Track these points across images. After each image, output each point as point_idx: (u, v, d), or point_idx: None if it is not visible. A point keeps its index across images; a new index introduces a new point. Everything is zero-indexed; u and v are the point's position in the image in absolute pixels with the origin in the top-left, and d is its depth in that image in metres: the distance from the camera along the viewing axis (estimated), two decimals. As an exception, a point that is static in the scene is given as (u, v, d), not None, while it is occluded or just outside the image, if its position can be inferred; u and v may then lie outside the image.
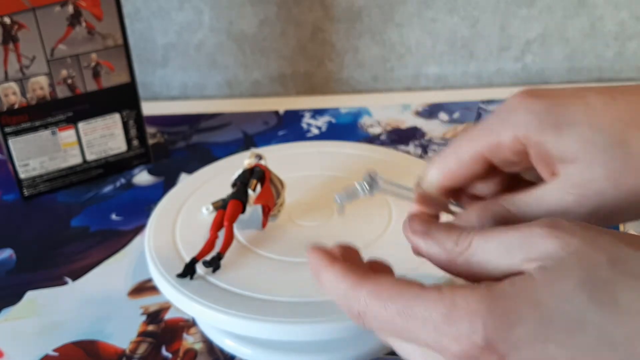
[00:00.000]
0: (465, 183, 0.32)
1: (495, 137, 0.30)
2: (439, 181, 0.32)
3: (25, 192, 0.60)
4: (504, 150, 0.30)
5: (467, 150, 0.31)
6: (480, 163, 0.31)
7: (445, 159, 0.32)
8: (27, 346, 0.44)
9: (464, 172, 0.31)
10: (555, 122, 0.28)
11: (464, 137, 0.32)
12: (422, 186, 0.33)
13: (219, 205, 0.47)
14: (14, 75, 0.56)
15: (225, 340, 0.43)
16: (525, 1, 0.77)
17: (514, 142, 0.29)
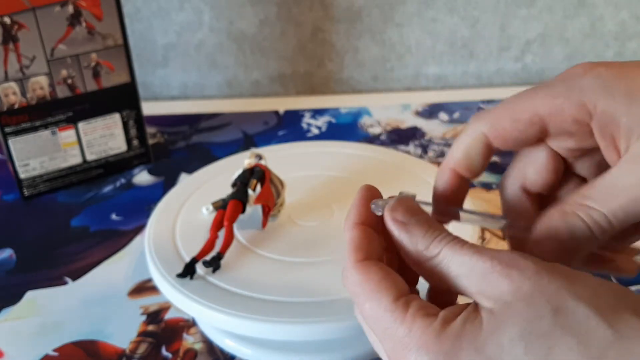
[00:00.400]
0: (511, 145, 0.30)
1: (559, 101, 0.27)
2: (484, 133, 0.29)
3: (25, 192, 0.60)
4: (565, 116, 0.27)
5: (525, 109, 0.28)
6: (536, 127, 0.28)
7: (498, 115, 0.29)
8: (27, 346, 0.44)
9: (515, 132, 0.29)
10: (627, 90, 0.26)
11: (523, 95, 0.29)
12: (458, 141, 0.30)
13: (219, 205, 0.48)
14: (14, 75, 0.56)
15: (225, 340, 0.43)
16: (525, 1, 0.77)
17: (579, 108, 0.27)
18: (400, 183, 0.50)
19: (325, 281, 0.40)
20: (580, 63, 0.28)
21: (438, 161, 0.63)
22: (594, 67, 0.27)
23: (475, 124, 0.30)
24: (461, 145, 0.30)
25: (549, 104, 0.28)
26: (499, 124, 0.29)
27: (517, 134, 0.29)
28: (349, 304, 0.38)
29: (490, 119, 0.29)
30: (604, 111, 0.26)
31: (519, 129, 0.29)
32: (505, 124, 0.29)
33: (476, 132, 0.30)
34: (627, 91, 0.26)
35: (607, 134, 0.27)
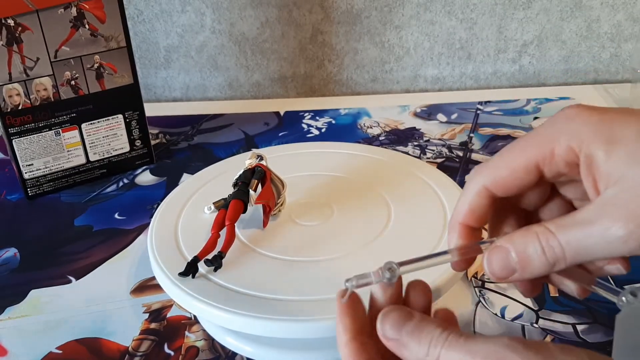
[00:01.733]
0: (512, 192, 0.31)
1: (549, 146, 0.29)
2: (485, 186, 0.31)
3: (29, 192, 0.61)
4: (557, 160, 0.29)
5: (520, 159, 0.30)
6: (532, 173, 0.30)
7: (495, 167, 0.31)
8: (31, 344, 0.44)
9: (514, 181, 0.31)
10: (608, 136, 0.28)
11: (517, 146, 0.31)
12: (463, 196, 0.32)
13: (221, 204, 0.48)
14: (18, 76, 0.57)
15: (226, 337, 0.43)
16: (522, 4, 0.78)
17: (568, 152, 0.29)
18: (399, 183, 0.51)
19: (325, 280, 0.41)
20: (571, 105, 0.30)
21: (436, 161, 0.64)
22: (584, 111, 0.29)
23: (476, 179, 0.32)
24: (466, 200, 0.32)
25: (541, 150, 0.30)
26: (498, 175, 0.31)
27: (517, 182, 0.31)
28: (348, 301, 0.38)
29: (489, 172, 0.31)
30: (587, 155, 0.28)
31: (517, 178, 0.30)
32: (504, 174, 0.31)
33: (478, 187, 0.31)
34: (608, 139, 0.28)
35: (590, 175, 0.29)
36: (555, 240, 0.28)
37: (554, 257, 0.28)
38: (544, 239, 0.28)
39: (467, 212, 0.32)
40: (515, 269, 0.29)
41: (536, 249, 0.29)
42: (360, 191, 0.50)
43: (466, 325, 0.44)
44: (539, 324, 0.44)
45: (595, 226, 0.27)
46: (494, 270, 0.30)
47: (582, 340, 0.42)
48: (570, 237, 0.28)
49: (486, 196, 0.32)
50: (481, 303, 0.46)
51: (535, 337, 0.43)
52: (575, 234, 0.28)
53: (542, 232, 0.29)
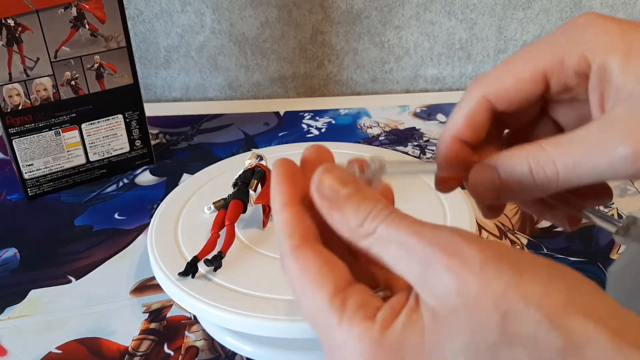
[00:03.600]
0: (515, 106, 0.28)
1: (560, 54, 0.27)
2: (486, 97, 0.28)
3: (29, 192, 0.61)
4: (567, 70, 0.27)
5: (527, 66, 0.27)
6: (539, 83, 0.27)
7: (499, 75, 0.28)
8: (31, 344, 0.44)
9: (519, 91, 0.27)
10: (626, 49, 0.25)
11: (523, 54, 0.28)
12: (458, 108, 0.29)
13: (221, 204, 0.48)
14: (18, 76, 0.57)
15: (226, 337, 0.43)
16: (522, 4, 0.78)
17: (581, 61, 0.26)
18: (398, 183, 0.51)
19: (324, 279, 0.41)
20: (587, 13, 0.27)
21: (436, 162, 0.64)
22: (599, 20, 0.26)
23: (476, 88, 0.28)
24: (462, 111, 0.29)
25: (551, 57, 0.27)
26: (501, 85, 0.28)
27: (521, 94, 0.28)
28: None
29: (491, 80, 0.28)
30: (600, 65, 0.26)
31: (522, 89, 0.27)
32: (508, 84, 0.28)
33: (477, 96, 0.28)
34: (626, 51, 0.25)
35: (599, 89, 0.26)
36: (548, 159, 0.25)
37: (544, 178, 0.26)
38: (534, 159, 0.26)
39: (463, 124, 0.28)
40: (498, 190, 0.27)
41: (523, 169, 0.26)
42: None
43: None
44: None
45: (599, 144, 0.24)
46: (478, 191, 0.28)
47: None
48: (567, 157, 0.25)
49: (486, 108, 0.28)
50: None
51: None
52: (573, 152, 0.25)
53: (533, 150, 0.26)
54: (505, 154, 0.27)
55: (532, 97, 0.28)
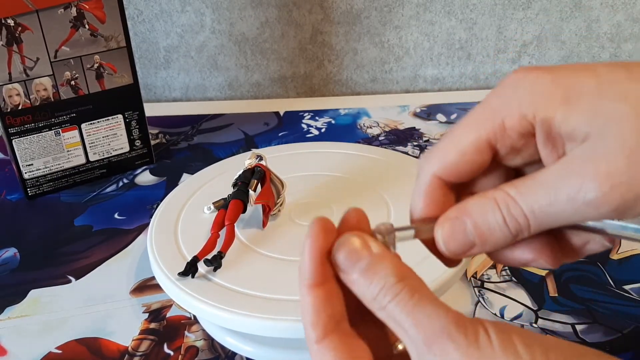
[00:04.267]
0: (467, 177, 0.28)
1: (499, 118, 0.26)
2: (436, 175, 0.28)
3: (29, 192, 0.61)
4: (509, 132, 0.26)
5: (468, 138, 0.27)
6: (485, 152, 0.27)
7: (443, 151, 0.27)
8: (31, 344, 0.44)
9: (466, 164, 0.27)
10: (564, 95, 0.24)
11: (462, 124, 0.27)
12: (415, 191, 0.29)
13: (220, 204, 0.48)
14: (17, 76, 0.57)
15: (226, 337, 0.43)
16: (521, 4, 0.78)
17: (521, 121, 0.25)
18: (399, 183, 0.51)
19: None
20: (516, 70, 0.27)
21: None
22: (528, 74, 0.26)
23: (425, 166, 0.28)
24: (419, 193, 0.28)
25: (491, 124, 0.26)
26: (447, 159, 0.27)
27: (469, 166, 0.27)
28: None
29: (437, 157, 0.28)
30: (543, 120, 0.25)
31: (468, 160, 0.27)
32: (453, 158, 0.27)
33: (428, 175, 0.28)
34: (565, 98, 0.24)
35: (549, 143, 0.25)
36: (517, 207, 0.25)
37: (517, 227, 0.25)
38: (504, 206, 0.25)
39: (424, 207, 0.28)
40: (474, 243, 0.26)
41: (497, 219, 0.25)
42: (360, 191, 0.50)
43: (465, 325, 0.44)
44: (538, 324, 0.44)
45: (562, 188, 0.24)
46: (449, 246, 0.27)
47: (581, 340, 0.42)
48: (534, 203, 0.24)
49: (439, 185, 0.28)
50: (480, 303, 0.46)
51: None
52: (538, 198, 0.24)
53: (501, 197, 0.25)
54: (471, 204, 0.26)
55: (480, 165, 0.27)
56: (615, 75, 0.24)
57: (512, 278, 0.48)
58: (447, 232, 0.27)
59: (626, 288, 0.46)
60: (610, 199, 0.23)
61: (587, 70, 0.25)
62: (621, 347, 0.41)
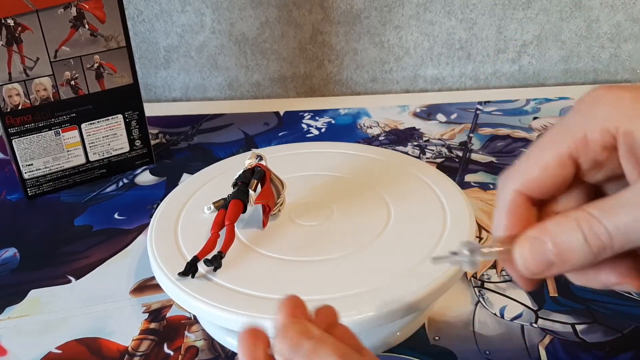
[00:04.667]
0: (550, 192, 0.28)
1: (581, 132, 0.26)
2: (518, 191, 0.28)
3: (29, 191, 0.61)
4: (592, 146, 0.26)
5: (550, 153, 0.27)
6: (567, 166, 0.27)
7: (524, 168, 0.28)
8: (31, 344, 0.44)
9: (548, 178, 0.27)
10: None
11: (543, 142, 0.28)
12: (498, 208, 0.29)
13: (220, 204, 0.48)
14: (17, 76, 0.57)
15: (226, 337, 0.43)
16: (521, 4, 0.78)
17: (603, 134, 0.26)
18: (399, 183, 0.51)
19: (324, 280, 0.41)
20: (594, 88, 0.27)
21: (436, 161, 0.64)
22: (609, 92, 0.27)
23: (507, 184, 0.28)
24: (502, 210, 0.28)
25: (572, 138, 0.27)
26: (530, 176, 0.28)
27: (552, 180, 0.27)
28: (347, 302, 0.39)
29: (519, 175, 0.28)
30: (626, 133, 0.26)
31: (551, 175, 0.27)
32: (536, 174, 0.27)
33: (511, 192, 0.28)
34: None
35: (632, 156, 0.26)
36: (600, 226, 0.25)
37: (599, 245, 0.25)
38: (587, 225, 0.25)
39: (507, 225, 0.28)
40: (553, 262, 0.26)
41: (578, 238, 0.25)
42: (360, 191, 0.50)
43: (466, 325, 0.44)
44: (538, 323, 0.44)
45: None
46: (528, 265, 0.27)
47: (581, 340, 0.42)
48: (619, 222, 0.25)
49: (523, 202, 0.28)
50: (480, 303, 0.46)
51: (535, 337, 0.43)
52: (623, 217, 0.24)
53: (583, 217, 0.25)
54: (551, 224, 0.26)
55: (564, 180, 0.28)
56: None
57: (512, 278, 0.48)
58: (527, 250, 0.27)
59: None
60: None
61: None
62: (621, 347, 0.41)
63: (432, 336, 0.43)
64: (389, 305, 0.38)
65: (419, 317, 0.43)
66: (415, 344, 0.42)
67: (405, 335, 0.43)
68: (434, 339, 0.43)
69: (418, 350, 0.42)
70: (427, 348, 0.42)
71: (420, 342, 0.43)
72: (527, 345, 0.42)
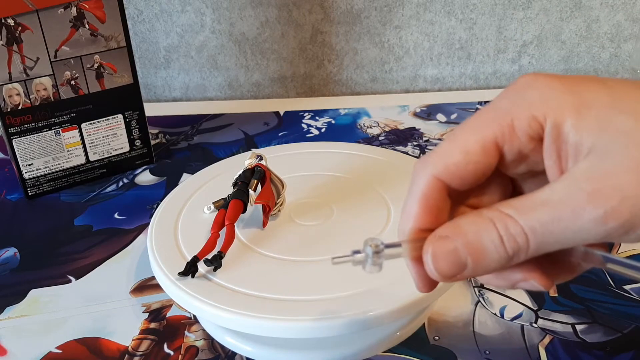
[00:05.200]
0: (469, 182, 0.26)
1: (508, 119, 0.25)
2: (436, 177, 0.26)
3: (29, 191, 0.61)
4: (518, 134, 0.25)
5: (474, 137, 0.25)
6: (491, 153, 0.25)
7: (445, 152, 0.26)
8: (31, 343, 0.44)
9: (470, 165, 0.25)
10: (575, 104, 0.24)
11: (467, 125, 0.26)
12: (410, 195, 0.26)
13: (220, 204, 0.48)
14: (17, 76, 0.57)
15: (226, 337, 0.43)
16: (521, 3, 0.78)
17: (530, 122, 0.24)
18: (399, 183, 0.51)
19: (324, 280, 0.41)
20: (522, 75, 0.26)
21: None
22: (538, 78, 0.25)
23: (424, 168, 0.26)
24: (415, 196, 0.26)
25: (499, 123, 0.25)
26: (450, 160, 0.25)
27: (473, 167, 0.25)
28: (348, 302, 0.39)
29: (439, 158, 0.26)
30: (553, 125, 0.24)
31: (473, 162, 0.25)
32: (457, 159, 0.25)
33: (427, 177, 0.26)
34: (577, 106, 0.24)
35: (555, 149, 0.24)
36: (517, 226, 0.23)
37: (515, 247, 0.24)
38: (502, 226, 0.24)
39: (418, 213, 0.26)
40: (465, 265, 0.24)
41: (493, 239, 0.24)
42: (360, 191, 0.50)
43: (466, 325, 0.44)
44: (538, 323, 0.44)
45: (566, 206, 0.22)
46: (440, 267, 0.25)
47: (581, 340, 0.42)
48: (535, 221, 0.23)
49: (439, 190, 0.26)
50: (480, 303, 0.46)
51: (535, 337, 0.43)
52: (540, 217, 0.23)
53: (499, 217, 0.24)
54: (465, 222, 0.25)
55: (485, 169, 0.26)
56: (628, 91, 0.24)
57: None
58: (438, 250, 0.25)
59: (626, 288, 0.46)
60: (619, 213, 0.22)
61: (599, 83, 0.24)
62: (621, 347, 0.41)
63: (432, 336, 0.43)
64: (389, 305, 0.38)
65: (419, 317, 0.43)
66: (415, 344, 0.42)
67: (405, 335, 0.43)
68: (434, 339, 0.43)
69: (418, 350, 0.42)
70: (427, 348, 0.42)
71: (420, 342, 0.43)
72: (527, 345, 0.42)
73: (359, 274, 0.41)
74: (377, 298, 0.38)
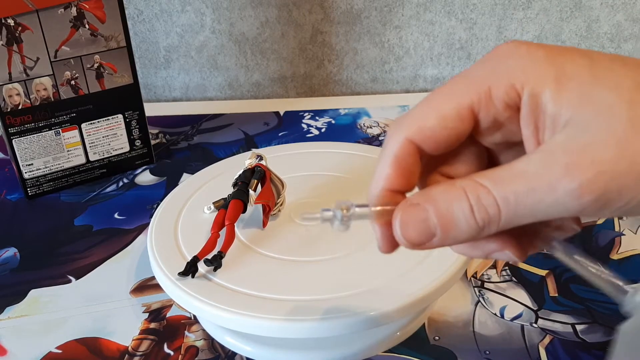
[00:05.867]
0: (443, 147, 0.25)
1: (485, 85, 0.24)
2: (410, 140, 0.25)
3: (29, 191, 0.61)
4: (495, 101, 0.24)
5: (450, 102, 0.25)
6: (466, 119, 0.25)
7: (420, 115, 0.25)
8: (31, 343, 0.44)
9: (444, 130, 0.25)
10: (556, 74, 0.23)
11: (444, 90, 0.25)
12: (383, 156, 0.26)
13: (220, 204, 0.48)
14: (17, 76, 0.57)
15: (226, 337, 0.43)
16: (522, 3, 0.78)
17: (508, 90, 0.24)
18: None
19: (324, 280, 0.41)
20: (505, 43, 0.25)
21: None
22: (522, 47, 0.24)
23: (397, 130, 0.26)
24: (387, 158, 0.26)
25: (476, 90, 0.24)
26: (425, 124, 0.25)
27: (447, 133, 0.25)
28: (348, 302, 0.39)
29: (413, 121, 0.25)
30: (531, 94, 0.23)
31: (448, 126, 0.25)
32: (432, 122, 0.25)
33: (400, 140, 0.25)
34: (557, 76, 0.23)
35: (532, 120, 0.24)
36: (489, 196, 0.23)
37: (485, 218, 0.23)
38: (474, 195, 0.23)
39: (390, 175, 0.26)
40: (434, 233, 0.24)
41: (464, 209, 0.23)
42: (360, 191, 0.50)
43: (465, 325, 0.44)
44: (538, 323, 0.44)
45: (541, 178, 0.22)
46: (409, 235, 0.25)
47: (581, 340, 0.42)
48: (509, 193, 0.23)
49: (412, 152, 0.25)
50: (480, 303, 0.46)
51: (535, 337, 0.43)
52: (515, 188, 0.22)
53: (471, 186, 0.23)
54: (436, 191, 0.24)
55: (460, 135, 0.25)
56: (610, 64, 0.23)
57: (512, 278, 0.48)
58: (407, 217, 0.25)
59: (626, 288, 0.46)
60: (594, 187, 0.21)
61: (582, 55, 0.24)
62: (621, 347, 0.41)
63: (432, 336, 0.43)
64: (389, 305, 0.38)
65: (419, 317, 0.43)
66: (415, 344, 0.42)
67: (405, 335, 0.43)
68: (434, 339, 0.43)
69: (418, 350, 0.42)
70: (427, 348, 0.42)
71: (420, 342, 0.43)
72: (527, 345, 0.42)
73: (359, 274, 0.41)
74: (377, 298, 0.38)
